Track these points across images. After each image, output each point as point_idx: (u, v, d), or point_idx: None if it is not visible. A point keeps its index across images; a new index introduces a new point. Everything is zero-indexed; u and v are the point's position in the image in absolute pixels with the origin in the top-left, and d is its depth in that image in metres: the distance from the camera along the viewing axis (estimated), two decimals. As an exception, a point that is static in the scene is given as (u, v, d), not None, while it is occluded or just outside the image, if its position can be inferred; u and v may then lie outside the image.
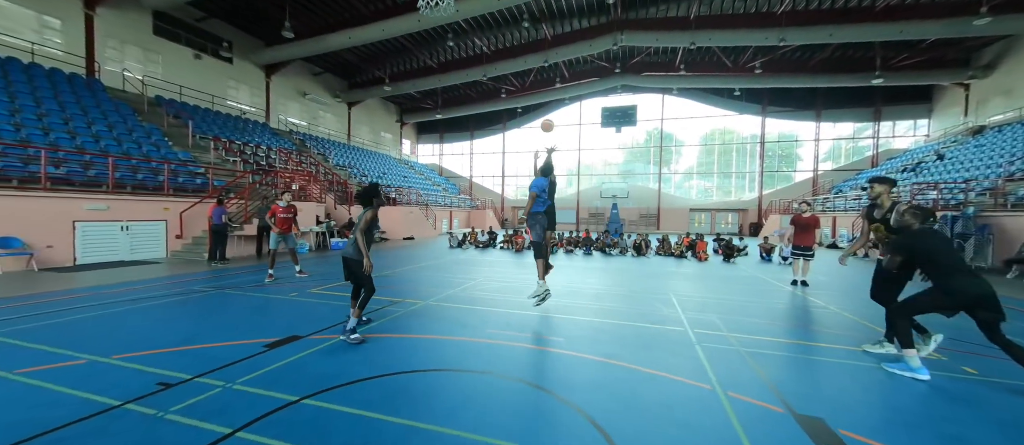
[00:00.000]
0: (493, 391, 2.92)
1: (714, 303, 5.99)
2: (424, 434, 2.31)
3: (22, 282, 6.58)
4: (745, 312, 5.44)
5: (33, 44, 13.22)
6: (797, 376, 3.31)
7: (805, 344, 4.15)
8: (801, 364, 3.60)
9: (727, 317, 5.14)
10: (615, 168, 32.96)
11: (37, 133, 9.63)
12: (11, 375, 2.96)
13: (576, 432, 2.37)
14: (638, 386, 3.04)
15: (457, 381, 3.08)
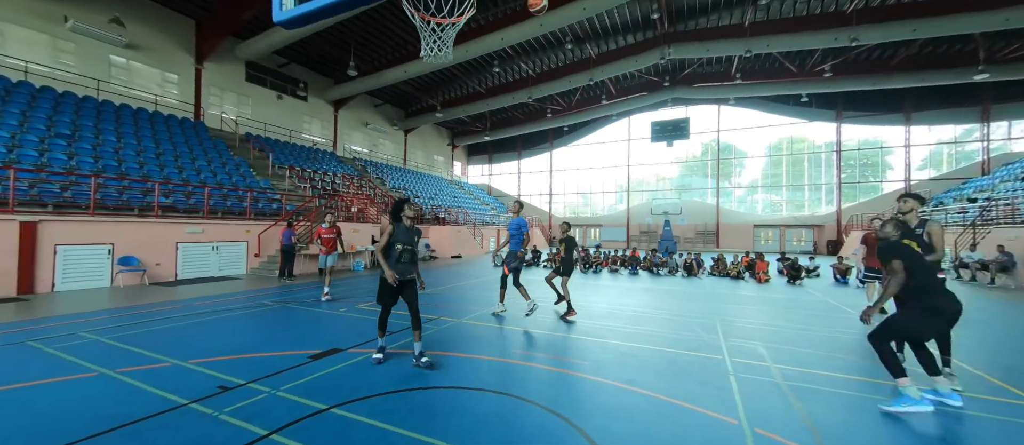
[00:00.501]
0: (507, 412, 2.97)
1: (765, 330, 5.50)
2: (432, 449, 2.44)
3: (136, 294, 7.88)
4: (799, 341, 4.93)
5: (156, 96, 16.07)
6: (841, 416, 2.96)
7: (862, 380, 3.67)
8: (850, 403, 3.20)
9: (776, 346, 4.69)
10: (669, 183, 31.54)
11: (154, 169, 11.60)
12: (113, 373, 3.60)
13: (580, 459, 2.35)
14: (656, 416, 2.92)
15: (474, 400, 3.18)
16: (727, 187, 29.54)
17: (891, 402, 3.05)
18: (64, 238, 8.19)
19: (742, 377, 3.69)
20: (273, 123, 20.42)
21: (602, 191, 33.36)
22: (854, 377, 3.77)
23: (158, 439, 2.50)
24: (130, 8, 15.08)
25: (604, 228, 32.18)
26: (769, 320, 6.19)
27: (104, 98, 14.24)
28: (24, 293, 7.57)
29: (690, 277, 11.72)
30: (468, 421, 2.81)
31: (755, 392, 3.34)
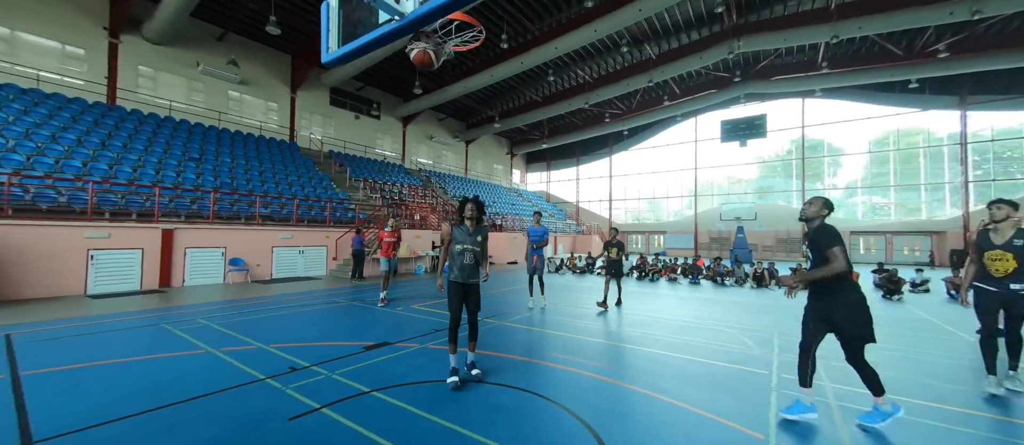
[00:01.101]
0: (524, 407, 3.14)
1: (830, 347, 4.92)
2: (450, 433, 2.70)
3: (240, 290, 9.41)
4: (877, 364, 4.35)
5: (261, 123, 18.95)
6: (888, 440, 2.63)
7: (927, 405, 3.18)
8: (910, 428, 2.82)
9: (837, 364, 4.21)
10: (747, 185, 28.84)
11: (257, 184, 13.72)
12: (216, 351, 4.46)
13: (583, 456, 2.44)
14: (674, 423, 2.88)
15: (497, 394, 3.39)
16: (820, 188, 26.27)
17: (866, 416, 2.87)
18: (191, 242, 10.08)
19: (786, 393, 3.42)
20: (351, 140, 22.83)
21: (666, 196, 31.67)
22: (919, 401, 3.29)
23: (238, 404, 3.10)
24: (243, 50, 18.06)
25: (669, 235, 30.48)
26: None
27: (223, 127, 17.19)
28: (164, 286, 9.47)
29: (760, 288, 10.73)
30: (485, 411, 3.04)
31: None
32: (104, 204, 9.26)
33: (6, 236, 7.51)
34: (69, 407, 3.00)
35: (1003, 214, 3.46)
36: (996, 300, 3.44)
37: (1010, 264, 3.33)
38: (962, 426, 2.92)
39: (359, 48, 2.49)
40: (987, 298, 3.51)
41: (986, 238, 3.54)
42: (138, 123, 13.78)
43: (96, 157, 10.79)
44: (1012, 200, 3.54)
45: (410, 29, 2.20)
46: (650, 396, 3.39)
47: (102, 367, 3.90)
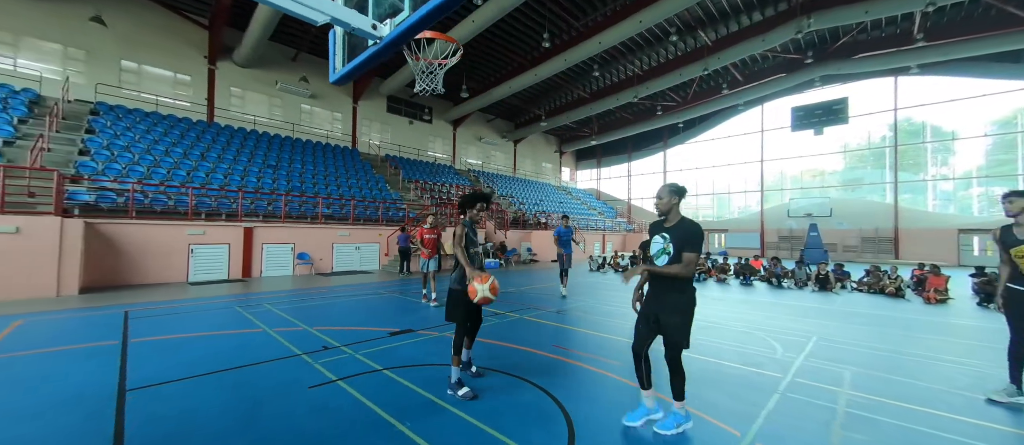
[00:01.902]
0: (510, 389, 3.34)
1: (875, 356, 4.45)
2: (433, 406, 3.01)
3: (304, 281, 10.66)
4: (916, 372, 3.89)
5: (327, 132, 21.01)
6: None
7: (958, 420, 2.80)
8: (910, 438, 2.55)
9: (869, 373, 3.83)
10: (834, 177, 25.47)
11: (322, 187, 15.31)
12: (270, 330, 5.23)
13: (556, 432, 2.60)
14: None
15: (491, 379, 3.63)
16: (922, 180, 22.73)
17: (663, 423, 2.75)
18: (267, 239, 11.61)
19: (790, 397, 3.24)
20: (405, 144, 24.37)
21: (727, 191, 29.42)
22: (957, 417, 2.91)
23: (276, 373, 3.70)
24: (313, 67, 20.16)
25: (731, 234, 28.30)
26: (896, 346, 4.92)
27: (297, 136, 19.36)
28: (245, 276, 11.03)
29: (823, 291, 9.70)
30: (483, 394, 3.29)
31: (793, 411, 2.96)
32: (201, 206, 11.03)
33: (130, 234, 9.31)
34: (157, 367, 3.80)
35: (1018, 207, 3.11)
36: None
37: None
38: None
39: (357, 67, 2.87)
40: (1020, 300, 3.10)
41: (1010, 234, 3.17)
42: (230, 137, 16.07)
43: (197, 167, 12.85)
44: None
45: (392, 48, 2.52)
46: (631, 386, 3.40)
47: (187, 338, 4.81)
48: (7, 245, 7.09)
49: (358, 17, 2.24)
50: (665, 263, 2.62)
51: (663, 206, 2.72)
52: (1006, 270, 3.27)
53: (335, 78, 3.07)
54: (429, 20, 2.17)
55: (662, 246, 2.67)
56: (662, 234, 2.71)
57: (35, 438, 2.47)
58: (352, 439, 2.53)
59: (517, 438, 2.56)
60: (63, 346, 4.41)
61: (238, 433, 2.59)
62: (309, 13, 2.09)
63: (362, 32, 2.32)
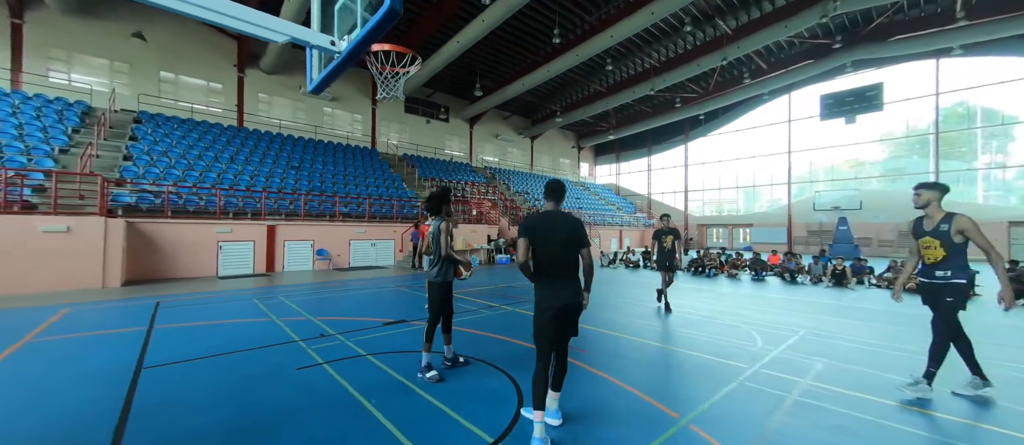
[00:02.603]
0: (482, 376, 3.56)
1: (856, 350, 4.36)
2: (408, 391, 3.28)
3: (322, 276, 11.29)
4: (895, 367, 3.81)
5: (348, 133, 21.86)
6: (817, 434, 2.47)
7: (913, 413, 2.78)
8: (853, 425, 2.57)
9: (845, 367, 3.79)
10: (876, 167, 23.81)
11: (341, 187, 16.02)
12: (277, 319, 5.69)
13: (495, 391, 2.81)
14: (593, 395, 3.06)
15: (470, 367, 3.87)
16: (975, 168, 21.15)
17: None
18: (289, 236, 12.34)
19: (748, 385, 3.30)
20: (423, 143, 24.98)
21: (752, 184, 28.36)
22: (909, 407, 2.88)
23: (273, 356, 4.09)
24: (332, 72, 21.01)
25: (756, 229, 27.32)
26: (883, 340, 4.80)
27: (319, 138, 20.27)
28: (269, 271, 11.79)
29: (838, 287, 9.35)
30: (450, 380, 3.54)
31: (743, 399, 3.02)
32: (229, 206, 11.86)
33: (166, 232, 10.18)
34: (173, 349, 4.28)
35: (923, 200, 3.24)
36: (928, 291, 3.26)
37: (938, 252, 3.10)
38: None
39: (326, 77, 3.15)
40: (926, 290, 3.24)
41: (919, 225, 3.28)
42: (256, 140, 17.06)
43: (227, 169, 13.78)
44: (937, 182, 3.18)
45: (351, 60, 2.77)
46: (593, 373, 3.55)
47: (204, 326, 5.32)
48: (59, 243, 7.97)
49: (318, 36, 2.51)
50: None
51: (548, 207, 2.73)
52: (912, 261, 3.38)
53: (311, 88, 3.37)
54: (376, 34, 2.39)
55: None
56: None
57: (59, 403, 2.92)
58: (322, 411, 2.84)
59: (466, 414, 2.79)
60: (99, 331, 5.00)
61: (226, 402, 2.96)
62: (272, 35, 2.37)
63: (323, 49, 2.59)
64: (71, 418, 2.70)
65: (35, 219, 7.90)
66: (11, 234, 7.60)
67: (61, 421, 2.65)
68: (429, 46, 18.97)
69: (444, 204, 3.67)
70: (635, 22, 16.05)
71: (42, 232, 7.85)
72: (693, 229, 30.82)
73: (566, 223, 2.55)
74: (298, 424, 2.65)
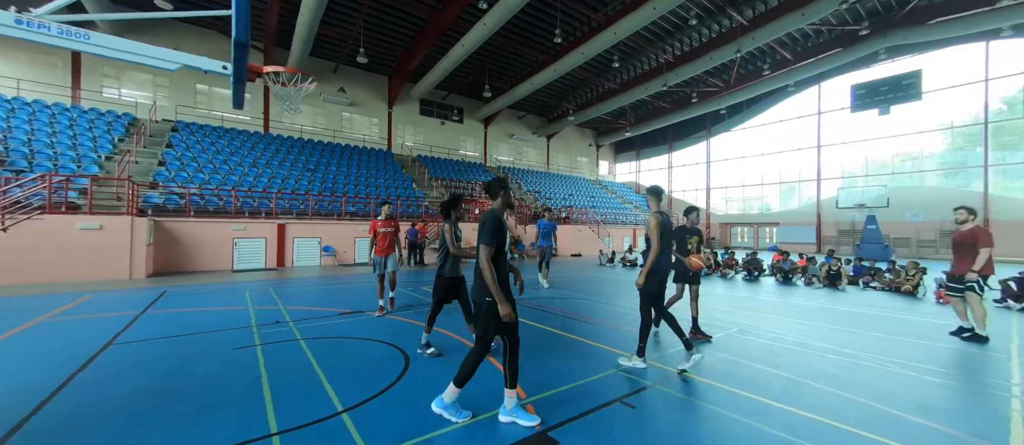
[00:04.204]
0: (368, 352, 3.92)
1: (772, 348, 4.30)
2: (309, 368, 3.69)
3: (328, 271, 12.11)
4: (785, 365, 3.76)
5: (365, 136, 22.99)
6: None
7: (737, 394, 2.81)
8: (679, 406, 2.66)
9: (739, 361, 3.79)
10: (932, 160, 21.23)
11: (351, 187, 16.98)
12: (251, 308, 6.34)
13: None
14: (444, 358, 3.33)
15: (373, 349, 4.24)
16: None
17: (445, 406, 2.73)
18: (298, 234, 13.31)
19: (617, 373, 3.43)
20: (437, 145, 25.76)
21: (778, 181, 26.90)
22: (754, 396, 2.91)
23: (227, 337, 4.66)
24: (352, 78, 22.18)
25: (783, 227, 25.93)
26: (814, 339, 4.65)
27: (337, 142, 21.49)
28: (279, 266, 12.80)
29: (830, 289, 8.90)
30: (336, 355, 3.93)
31: (600, 382, 3.17)
32: (245, 206, 12.99)
33: (188, 230, 11.35)
34: (150, 330, 4.96)
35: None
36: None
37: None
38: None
39: (234, 94, 3.63)
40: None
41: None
42: (279, 145, 18.41)
43: (247, 172, 15.04)
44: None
45: (239, 79, 3.21)
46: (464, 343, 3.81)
47: (188, 312, 6.05)
48: (94, 239, 9.17)
49: (209, 62, 2.97)
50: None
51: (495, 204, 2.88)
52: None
53: (235, 105, 3.87)
54: (242, 58, 2.80)
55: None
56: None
57: (28, 363, 3.58)
58: (226, 379, 3.31)
59: (338, 387, 3.15)
60: (102, 313, 5.84)
61: (155, 373, 3.50)
62: (165, 65, 2.84)
63: (215, 71, 3.04)
64: (23, 384, 3.32)
65: (75, 218, 9.14)
66: (55, 231, 8.85)
67: (8, 390, 3.28)
68: (437, 51, 19.62)
69: (453, 209, 4.25)
70: (638, 18, 15.83)
71: (80, 229, 9.07)
72: (715, 228, 29.68)
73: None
74: (201, 391, 3.13)
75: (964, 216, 5.04)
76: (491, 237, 2.54)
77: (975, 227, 4.99)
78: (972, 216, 5.05)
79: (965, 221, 5.03)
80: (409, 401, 2.99)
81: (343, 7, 16.66)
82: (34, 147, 11.85)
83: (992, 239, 4.86)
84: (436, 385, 3.23)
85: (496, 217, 2.61)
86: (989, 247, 4.79)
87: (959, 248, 5.05)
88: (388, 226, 6.19)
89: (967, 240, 4.95)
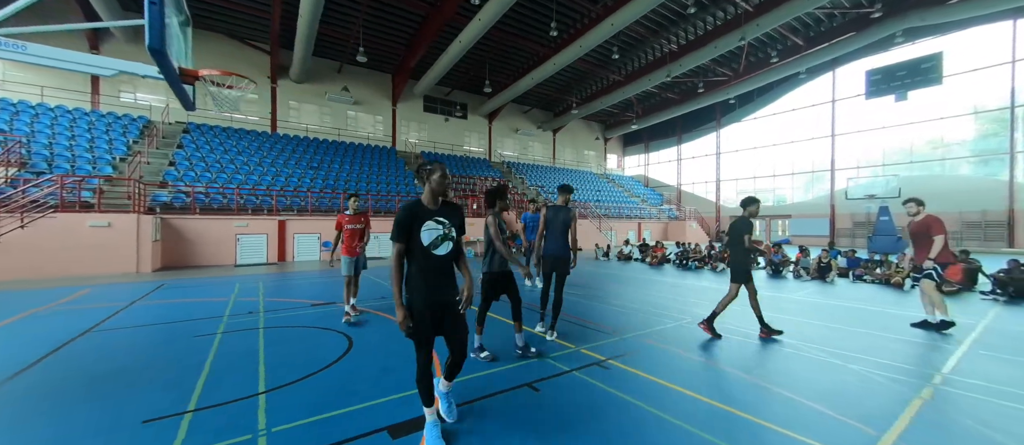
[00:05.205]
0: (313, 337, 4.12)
1: (700, 336, 4.29)
2: (253, 354, 3.92)
3: (325, 265, 12.51)
4: (688, 348, 3.76)
5: (370, 134, 23.45)
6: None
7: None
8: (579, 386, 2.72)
9: (658, 346, 3.80)
10: (954, 148, 19.98)
11: (353, 184, 17.40)
12: (230, 299, 6.67)
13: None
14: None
15: (323, 337, 4.44)
16: None
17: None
18: (298, 230, 13.78)
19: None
20: (442, 141, 26.03)
21: (790, 172, 26.03)
22: (651, 377, 2.94)
23: (190, 326, 4.96)
24: (356, 77, 22.61)
25: (795, 220, 25.14)
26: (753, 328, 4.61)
27: (342, 140, 22.01)
28: (280, 261, 13.30)
29: (818, 281, 8.67)
30: (294, 343, 4.14)
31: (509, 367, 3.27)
32: (248, 204, 13.53)
33: (193, 226, 11.92)
34: (132, 318, 5.32)
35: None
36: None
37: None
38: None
39: (177, 92, 3.84)
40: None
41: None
42: (285, 144, 19.00)
43: (252, 171, 15.62)
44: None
45: (172, 81, 3.41)
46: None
47: (171, 303, 6.44)
48: (102, 235, 9.78)
49: (143, 67, 3.18)
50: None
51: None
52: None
53: (185, 107, 4.10)
54: (161, 62, 2.99)
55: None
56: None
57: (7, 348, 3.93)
58: (172, 362, 3.57)
59: (271, 372, 3.35)
60: (94, 305, 6.27)
61: (118, 351, 3.79)
62: (102, 72, 3.07)
63: (151, 76, 3.25)
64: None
65: (86, 216, 9.76)
66: (67, 228, 9.48)
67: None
68: (437, 47, 19.78)
69: (499, 198, 3.81)
70: (635, 9, 15.57)
71: (90, 227, 9.69)
72: (725, 222, 28.97)
73: None
74: (142, 373, 3.38)
75: (915, 209, 5.18)
76: (396, 233, 2.26)
77: (927, 217, 5.06)
78: (921, 207, 5.18)
79: (916, 213, 5.15)
80: (327, 385, 3.16)
81: (342, 6, 16.98)
82: (54, 150, 12.64)
83: (944, 226, 4.93)
84: (362, 370, 3.39)
85: (407, 209, 2.29)
86: (942, 234, 4.86)
87: (916, 239, 5.13)
88: (356, 222, 5.69)
89: (921, 230, 5.03)
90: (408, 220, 2.29)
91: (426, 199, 2.39)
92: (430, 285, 2.29)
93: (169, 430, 2.44)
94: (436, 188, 2.39)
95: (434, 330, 2.31)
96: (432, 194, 2.39)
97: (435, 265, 2.31)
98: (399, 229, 2.28)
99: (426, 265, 2.29)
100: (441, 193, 2.41)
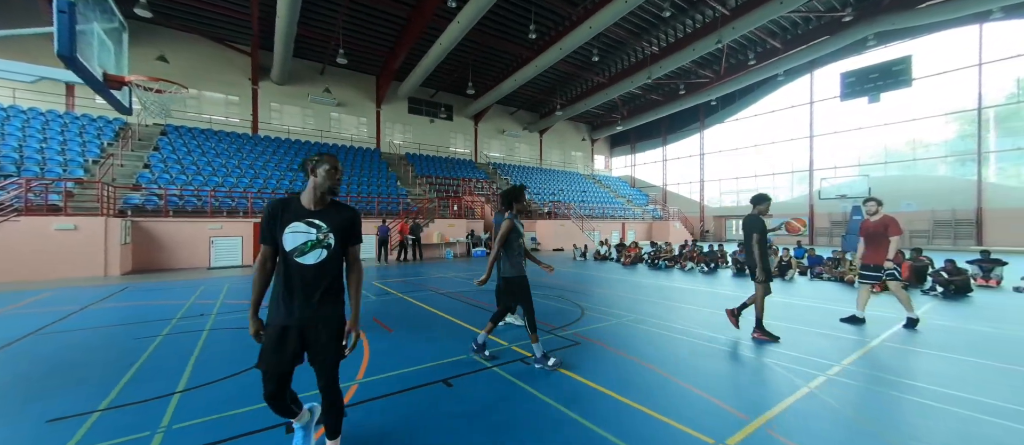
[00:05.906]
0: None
1: (613, 328, 4.42)
2: (181, 351, 3.98)
3: (296, 267, 12.51)
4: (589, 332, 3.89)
5: (353, 136, 23.42)
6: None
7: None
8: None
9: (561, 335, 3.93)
10: (927, 149, 20.54)
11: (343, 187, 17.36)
12: (189, 301, 6.70)
13: (228, 378, 3.41)
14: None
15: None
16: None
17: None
18: (274, 232, 13.73)
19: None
20: (427, 142, 26.07)
21: (771, 172, 26.43)
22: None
23: (135, 328, 4.99)
24: (339, 79, 22.60)
25: (777, 220, 25.39)
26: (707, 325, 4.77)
27: (325, 142, 21.97)
28: (255, 263, 13.26)
29: (780, 279, 8.88)
30: (229, 345, 4.20)
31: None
32: (223, 206, 13.49)
33: (165, 229, 11.87)
34: (86, 320, 5.34)
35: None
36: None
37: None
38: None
39: (106, 98, 3.89)
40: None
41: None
42: (266, 146, 18.94)
43: (230, 173, 15.56)
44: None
45: (98, 88, 3.47)
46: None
47: (132, 305, 6.45)
48: (68, 238, 9.72)
49: (63, 73, 3.24)
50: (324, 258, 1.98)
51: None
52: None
53: (119, 110, 4.15)
54: (76, 68, 3.05)
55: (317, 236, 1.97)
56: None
57: (-53, 355, 3.95)
58: (101, 363, 3.62)
59: (196, 372, 3.42)
60: (47, 308, 6.26)
61: (51, 352, 3.83)
62: (22, 78, 3.12)
63: (73, 81, 3.31)
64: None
65: (52, 219, 9.70)
66: (33, 232, 9.41)
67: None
68: (418, 49, 19.84)
69: (516, 200, 3.65)
70: (611, 12, 15.79)
71: (55, 230, 9.63)
72: (710, 222, 29.35)
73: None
74: (66, 373, 3.43)
75: (874, 208, 5.27)
76: (260, 233, 2.00)
77: (884, 217, 5.16)
78: (880, 207, 5.29)
79: (875, 212, 5.23)
80: (243, 384, 3.23)
81: (320, 7, 16.99)
82: (24, 153, 12.52)
83: (900, 227, 5.05)
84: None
85: (269, 206, 1.99)
86: (899, 234, 5.00)
87: (871, 238, 5.22)
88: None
89: (879, 230, 5.11)
90: (267, 219, 1.95)
91: (306, 196, 2.01)
92: (289, 300, 1.93)
93: (71, 429, 2.50)
94: (320, 183, 1.99)
95: (289, 359, 1.94)
96: (314, 190, 2.00)
97: (297, 275, 1.93)
98: (261, 229, 2.00)
99: (287, 273, 1.93)
100: (327, 191, 2.01)
